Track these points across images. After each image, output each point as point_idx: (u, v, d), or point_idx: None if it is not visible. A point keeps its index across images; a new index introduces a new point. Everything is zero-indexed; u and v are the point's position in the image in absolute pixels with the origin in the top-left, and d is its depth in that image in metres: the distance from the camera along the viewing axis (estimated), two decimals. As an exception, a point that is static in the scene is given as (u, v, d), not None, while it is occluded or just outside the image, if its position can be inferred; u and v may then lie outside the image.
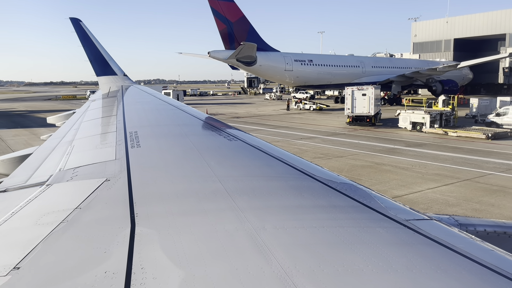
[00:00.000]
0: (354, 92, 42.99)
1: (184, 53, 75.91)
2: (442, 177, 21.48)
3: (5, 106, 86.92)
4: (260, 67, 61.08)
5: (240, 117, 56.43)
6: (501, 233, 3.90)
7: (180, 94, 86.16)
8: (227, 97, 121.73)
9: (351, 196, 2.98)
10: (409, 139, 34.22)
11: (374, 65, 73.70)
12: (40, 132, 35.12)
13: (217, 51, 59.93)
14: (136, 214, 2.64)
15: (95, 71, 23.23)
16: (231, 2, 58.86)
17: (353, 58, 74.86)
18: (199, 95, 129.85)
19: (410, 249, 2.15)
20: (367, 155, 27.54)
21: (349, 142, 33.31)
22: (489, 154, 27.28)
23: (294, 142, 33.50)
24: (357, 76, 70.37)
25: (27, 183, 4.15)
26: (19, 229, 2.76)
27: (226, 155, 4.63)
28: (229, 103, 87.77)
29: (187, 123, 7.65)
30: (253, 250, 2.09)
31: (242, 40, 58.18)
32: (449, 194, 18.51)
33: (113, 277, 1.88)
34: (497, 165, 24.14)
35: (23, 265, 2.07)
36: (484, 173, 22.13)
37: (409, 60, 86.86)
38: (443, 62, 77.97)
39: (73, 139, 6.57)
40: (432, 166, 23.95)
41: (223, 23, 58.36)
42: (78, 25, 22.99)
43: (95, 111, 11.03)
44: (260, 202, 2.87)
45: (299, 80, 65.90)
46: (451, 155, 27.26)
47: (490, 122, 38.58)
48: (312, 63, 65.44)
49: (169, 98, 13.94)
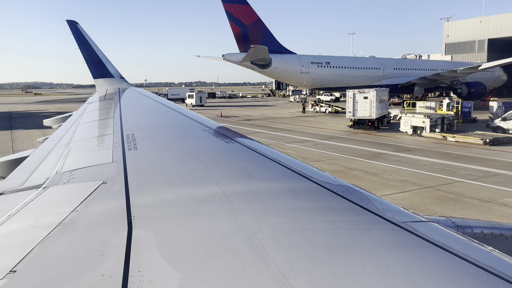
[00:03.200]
0: (356, 95, 42.15)
1: (201, 56, 77.26)
2: (406, 183, 20.94)
3: (38, 108, 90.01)
4: (275, 70, 61.14)
5: (251, 119, 56.67)
6: (498, 235, 3.88)
7: (203, 96, 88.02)
8: (255, 99, 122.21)
9: (349, 198, 2.98)
10: (403, 144, 33.36)
11: (396, 67, 71.94)
12: (51, 133, 36.99)
13: (231, 54, 60.52)
14: (133, 217, 2.63)
15: (92, 73, 23.32)
16: (246, 5, 59.21)
17: (374, 60, 73.36)
18: (228, 97, 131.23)
19: (407, 251, 2.15)
20: (346, 160, 27.15)
21: (339, 146, 32.90)
22: (475, 161, 26.21)
23: (284, 145, 33.42)
24: (377, 78, 69.03)
25: (24, 186, 4.12)
26: (15, 232, 2.74)
27: (223, 158, 4.63)
28: (250, 105, 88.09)
29: (184, 125, 7.66)
30: (251, 253, 2.09)
31: (257, 42, 58.63)
32: (398, 201, 18.00)
33: (110, 280, 1.87)
34: (474, 172, 23.20)
35: (20, 268, 2.05)
36: (454, 181, 21.36)
37: (435, 62, 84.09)
38: (477, 64, 74.77)
39: (70, 142, 6.55)
40: (404, 172, 23.36)
41: (238, 26, 58.85)
42: (74, 27, 23.15)
43: (92, 114, 11.08)
44: (257, 204, 2.87)
45: (316, 83, 65.39)
46: (434, 161, 26.43)
47: (496, 127, 36.83)
48: (329, 65, 64.78)
49: (166, 101, 13.96)
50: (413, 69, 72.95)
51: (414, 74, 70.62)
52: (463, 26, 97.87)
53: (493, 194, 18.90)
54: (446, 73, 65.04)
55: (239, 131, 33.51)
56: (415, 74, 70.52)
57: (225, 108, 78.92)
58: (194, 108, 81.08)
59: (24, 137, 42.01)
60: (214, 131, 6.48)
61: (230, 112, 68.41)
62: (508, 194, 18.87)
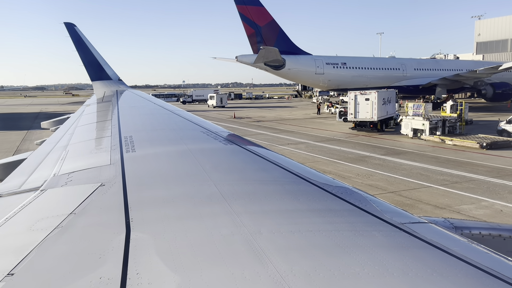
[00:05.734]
0: (357, 96, 41.33)
1: (218, 58, 78.06)
2: (371, 188, 20.42)
3: (68, 108, 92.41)
4: (289, 71, 60.85)
5: (262, 120, 56.66)
6: (496, 236, 3.87)
7: (223, 97, 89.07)
8: (280, 100, 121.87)
9: (347, 200, 2.98)
10: (397, 147, 32.54)
11: (417, 68, 69.93)
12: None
13: (244, 55, 60.73)
14: (131, 219, 2.62)
15: (90, 75, 23.48)
16: (260, 6, 59.37)
17: (393, 61, 71.65)
18: (254, 98, 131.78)
19: (406, 253, 2.15)
20: (327, 163, 26.81)
21: (330, 148, 32.52)
22: (459, 165, 25.24)
23: (276, 147, 33.18)
24: (396, 79, 67.43)
25: (21, 188, 4.09)
26: (13, 235, 2.73)
27: (222, 160, 4.63)
28: (270, 107, 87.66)
29: (182, 127, 7.64)
30: (249, 255, 2.09)
31: (270, 44, 58.74)
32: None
33: (108, 283, 1.86)
34: (449, 177, 22.37)
35: (17, 271, 2.04)
36: (422, 186, 20.74)
37: (460, 62, 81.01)
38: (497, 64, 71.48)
39: (68, 144, 6.53)
40: (377, 177, 22.84)
41: (251, 27, 59.03)
42: (72, 29, 23.29)
43: (89, 116, 11.08)
44: (255, 206, 2.86)
45: (332, 84, 64.59)
46: (416, 165, 25.65)
47: (501, 130, 35.18)
48: (345, 66, 63.84)
49: (164, 103, 13.85)
50: (435, 70, 70.62)
51: (435, 74, 68.38)
52: (495, 24, 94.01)
53: (453, 200, 18.24)
54: (466, 73, 62.61)
55: (244, 132, 33.76)
56: (437, 74, 68.26)
57: (243, 110, 79.08)
58: (214, 109, 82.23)
59: (37, 137, 44.23)
60: (212, 133, 6.47)
61: (245, 113, 68.53)
62: (469, 200, 18.17)
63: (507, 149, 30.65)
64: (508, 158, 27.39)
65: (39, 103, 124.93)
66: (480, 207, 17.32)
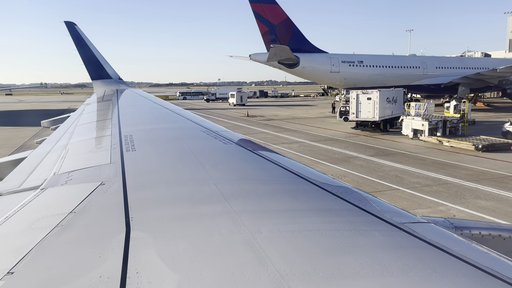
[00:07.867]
0: (359, 95, 40.52)
1: (234, 56, 78.41)
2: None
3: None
4: (303, 69, 60.31)
5: (273, 119, 56.45)
6: (496, 236, 3.87)
7: (243, 95, 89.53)
8: (304, 98, 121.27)
9: (347, 200, 2.98)
10: (389, 148, 31.84)
11: (439, 66, 67.64)
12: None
13: (258, 53, 60.66)
14: (131, 218, 2.62)
15: (90, 74, 23.62)
16: (274, 4, 59.09)
17: (413, 59, 69.64)
18: (280, 96, 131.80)
19: (406, 252, 2.15)
20: (309, 163, 26.18)
21: (322, 148, 32.20)
22: (441, 168, 24.41)
23: (269, 146, 33.51)
24: (416, 78, 65.58)
25: (22, 187, 4.09)
26: (13, 233, 2.73)
27: (222, 159, 4.63)
28: (289, 105, 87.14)
29: (182, 126, 7.66)
30: (249, 254, 2.09)
31: (285, 42, 58.54)
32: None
33: (108, 282, 1.87)
34: (423, 180, 21.74)
35: (17, 270, 2.05)
36: (390, 188, 20.30)
37: (488, 60, 77.55)
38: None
39: (68, 143, 6.53)
40: (349, 178, 22.44)
41: (266, 25, 58.80)
42: (72, 28, 23.36)
43: (90, 115, 11.08)
44: (255, 205, 2.86)
45: (348, 82, 63.44)
46: (396, 167, 25.03)
47: (506, 132, 33.68)
48: (362, 64, 62.61)
49: (164, 102, 13.86)
50: (458, 68, 68.04)
51: (458, 73, 65.90)
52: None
53: (411, 204, 17.75)
54: (487, 72, 59.97)
55: (247, 131, 34.12)
56: (460, 73, 65.78)
57: (261, 108, 78.92)
58: (234, 107, 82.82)
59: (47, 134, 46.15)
60: (212, 132, 6.49)
61: (260, 112, 68.39)
62: (427, 205, 17.63)
63: (505, 152, 29.39)
64: (499, 161, 26.37)
65: (72, 100, 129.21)
66: (435, 211, 16.82)
